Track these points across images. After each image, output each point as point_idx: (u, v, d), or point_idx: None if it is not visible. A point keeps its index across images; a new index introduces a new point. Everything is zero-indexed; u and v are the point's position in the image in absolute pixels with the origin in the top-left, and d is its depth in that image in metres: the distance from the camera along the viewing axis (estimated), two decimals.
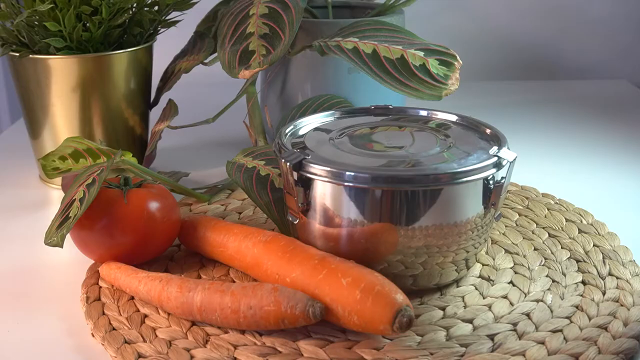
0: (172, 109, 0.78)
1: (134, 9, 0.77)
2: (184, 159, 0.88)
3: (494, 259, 0.62)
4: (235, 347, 0.51)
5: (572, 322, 0.53)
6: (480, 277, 0.59)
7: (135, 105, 0.80)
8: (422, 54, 0.68)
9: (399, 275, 0.55)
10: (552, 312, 0.54)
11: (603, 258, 0.61)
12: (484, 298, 0.56)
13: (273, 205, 0.63)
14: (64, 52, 0.73)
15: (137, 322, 0.54)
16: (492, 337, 0.51)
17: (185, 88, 0.94)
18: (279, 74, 0.86)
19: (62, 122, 0.76)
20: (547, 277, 0.59)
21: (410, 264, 0.55)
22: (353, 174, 0.53)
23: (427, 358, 0.49)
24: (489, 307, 0.55)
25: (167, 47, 0.89)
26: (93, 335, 0.54)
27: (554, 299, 0.56)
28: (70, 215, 0.56)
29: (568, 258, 0.62)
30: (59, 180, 0.78)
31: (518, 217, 0.69)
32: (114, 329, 0.53)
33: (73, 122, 0.76)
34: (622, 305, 0.55)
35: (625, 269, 0.59)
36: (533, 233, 0.66)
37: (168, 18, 0.80)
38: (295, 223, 0.58)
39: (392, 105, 0.67)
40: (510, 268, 0.60)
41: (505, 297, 0.56)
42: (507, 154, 0.55)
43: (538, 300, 0.56)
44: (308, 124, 0.64)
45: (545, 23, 1.24)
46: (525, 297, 0.56)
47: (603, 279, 0.58)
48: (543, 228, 0.67)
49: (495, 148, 0.56)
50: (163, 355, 0.50)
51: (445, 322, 0.53)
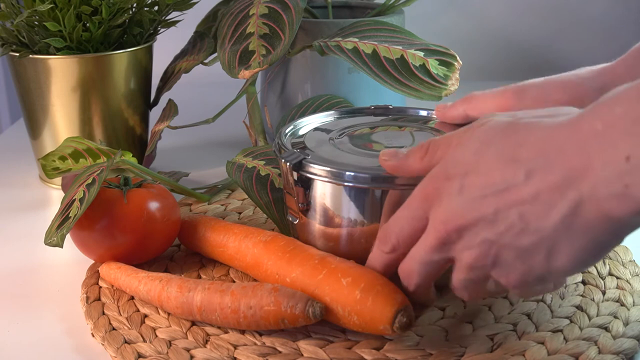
0: (172, 109, 0.78)
1: (134, 9, 0.77)
2: (184, 159, 0.88)
3: None
4: (235, 347, 0.51)
5: (572, 322, 0.53)
6: None
7: (135, 105, 0.80)
8: (422, 54, 0.68)
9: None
10: (552, 312, 0.54)
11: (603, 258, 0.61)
12: (484, 298, 0.56)
13: (273, 205, 0.63)
14: (64, 52, 0.73)
15: (137, 322, 0.54)
16: (492, 337, 0.51)
17: (185, 88, 0.94)
18: (279, 74, 0.86)
19: (62, 122, 0.76)
20: None
21: None
22: (353, 174, 0.53)
23: (427, 358, 0.49)
24: (489, 307, 0.55)
25: (167, 47, 0.89)
26: (93, 335, 0.54)
27: (554, 299, 0.56)
28: (70, 215, 0.56)
29: None
30: (59, 180, 0.78)
31: None
32: (114, 329, 0.53)
33: (73, 122, 0.76)
34: (622, 305, 0.55)
35: (625, 269, 0.59)
36: None
37: (168, 18, 0.80)
38: (295, 223, 0.58)
39: (392, 106, 0.67)
40: None
41: (505, 297, 0.56)
42: None
43: (538, 300, 0.56)
44: (308, 124, 0.64)
45: (545, 23, 1.24)
46: None
47: (603, 279, 0.58)
48: None
49: None
50: (163, 355, 0.50)
51: (445, 322, 0.53)
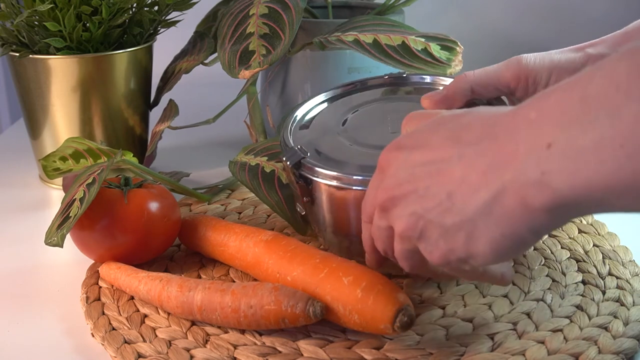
0: (172, 110, 0.78)
1: (134, 9, 0.77)
2: (185, 159, 0.88)
3: None
4: (235, 346, 0.51)
5: (572, 321, 0.53)
6: None
7: (135, 105, 0.79)
8: (423, 40, 0.68)
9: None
10: (552, 311, 0.54)
11: (603, 258, 0.61)
12: (484, 297, 0.56)
13: (284, 204, 0.63)
14: (64, 52, 0.73)
15: (137, 322, 0.54)
16: (492, 336, 0.51)
17: (186, 88, 0.94)
18: (279, 74, 0.86)
19: (62, 122, 0.76)
20: (547, 276, 0.59)
21: None
22: (353, 178, 0.52)
23: (427, 358, 0.49)
24: (489, 306, 0.55)
25: (167, 47, 0.89)
26: (93, 335, 0.54)
27: (554, 299, 0.56)
28: (71, 215, 0.56)
29: (568, 258, 0.61)
30: (59, 180, 0.78)
31: None
32: (114, 329, 0.53)
33: (73, 122, 0.76)
34: (622, 305, 0.54)
35: (625, 269, 0.59)
36: None
37: (168, 18, 0.80)
38: (303, 214, 0.59)
39: (405, 74, 0.65)
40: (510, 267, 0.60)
41: (505, 296, 0.56)
42: None
43: (538, 300, 0.56)
44: (319, 103, 0.62)
45: (545, 23, 1.24)
46: (526, 296, 0.56)
47: (603, 279, 0.58)
48: None
49: None
50: (163, 355, 0.50)
51: (445, 321, 0.53)
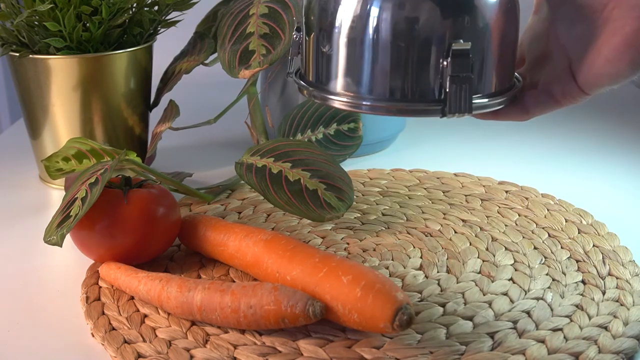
0: (173, 110, 0.78)
1: (134, 9, 0.77)
2: (185, 160, 0.88)
3: (494, 256, 0.62)
4: (235, 346, 0.51)
5: (572, 321, 0.53)
6: (480, 273, 0.59)
7: (135, 105, 0.79)
8: None
9: None
10: (552, 310, 0.54)
11: (603, 258, 0.61)
12: (484, 295, 0.56)
13: (294, 201, 0.63)
14: (64, 52, 0.73)
15: (137, 322, 0.54)
16: (492, 335, 0.51)
17: (186, 89, 0.94)
18: (280, 74, 0.86)
19: (62, 122, 0.76)
20: (547, 275, 0.59)
21: None
22: None
23: (427, 357, 0.49)
24: (489, 304, 0.55)
25: (167, 47, 0.89)
26: (93, 335, 0.54)
27: (554, 298, 0.56)
28: (72, 214, 0.56)
29: (568, 258, 0.62)
30: (59, 181, 0.78)
31: (518, 217, 0.69)
32: (114, 329, 0.53)
33: (73, 122, 0.76)
34: (622, 305, 0.55)
35: (625, 269, 0.59)
36: (533, 233, 0.66)
37: (168, 18, 0.80)
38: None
39: None
40: (511, 265, 0.60)
41: (506, 294, 0.56)
42: None
43: (538, 298, 0.56)
44: None
45: None
46: (526, 294, 0.56)
47: (603, 279, 0.58)
48: (543, 228, 0.67)
49: None
50: (163, 355, 0.50)
51: (445, 319, 0.53)
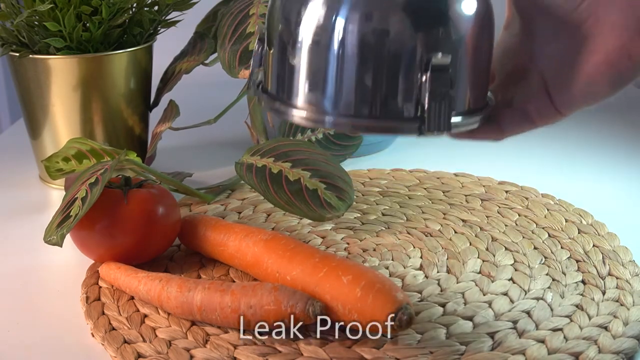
0: (173, 110, 0.78)
1: (134, 9, 0.77)
2: (185, 160, 0.88)
3: (494, 256, 0.62)
4: (235, 346, 0.51)
5: (572, 321, 0.53)
6: (480, 273, 0.59)
7: (135, 105, 0.79)
8: None
9: None
10: (552, 310, 0.54)
11: (603, 258, 0.61)
12: (484, 295, 0.56)
13: (294, 200, 0.63)
14: (64, 52, 0.73)
15: (137, 322, 0.54)
16: (492, 335, 0.51)
17: (186, 89, 0.94)
18: None
19: (62, 122, 0.76)
20: (547, 275, 0.59)
21: None
22: None
23: (427, 357, 0.49)
24: (489, 304, 0.55)
25: (167, 47, 0.89)
26: (93, 335, 0.54)
27: (554, 298, 0.56)
28: (72, 214, 0.56)
29: (568, 258, 0.62)
30: (59, 181, 0.78)
31: (518, 217, 0.69)
32: (114, 329, 0.53)
33: (73, 122, 0.76)
34: (622, 305, 0.55)
35: (625, 269, 0.59)
36: (533, 233, 0.66)
37: (168, 18, 0.80)
38: None
39: None
40: (511, 265, 0.60)
41: (506, 294, 0.56)
42: None
43: (538, 298, 0.56)
44: None
45: None
46: (526, 294, 0.56)
47: (603, 279, 0.58)
48: (543, 228, 0.67)
49: None
50: (163, 355, 0.50)
51: (445, 319, 0.53)
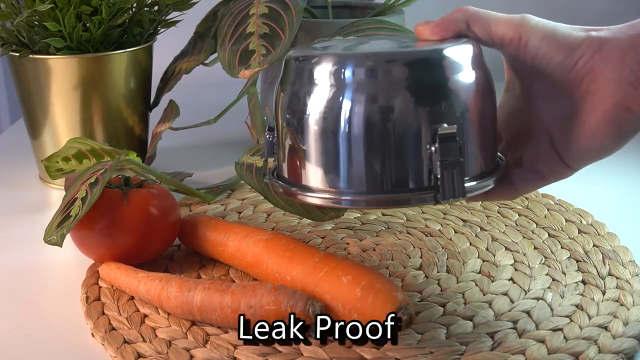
0: (173, 110, 0.78)
1: (134, 9, 0.77)
2: (185, 160, 0.88)
3: (494, 255, 0.62)
4: (235, 347, 0.51)
5: (572, 321, 0.53)
6: (480, 273, 0.59)
7: (135, 105, 0.80)
8: None
9: None
10: (552, 310, 0.54)
11: (603, 258, 0.61)
12: (484, 294, 0.56)
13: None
14: (64, 52, 0.73)
15: (137, 322, 0.54)
16: (492, 335, 0.51)
17: (186, 89, 0.94)
18: (280, 74, 0.85)
19: (62, 122, 0.76)
20: (547, 275, 0.59)
21: None
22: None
23: (427, 357, 0.49)
24: (489, 304, 0.55)
25: (167, 47, 0.89)
26: (93, 335, 0.54)
27: (554, 298, 0.56)
28: (72, 214, 0.56)
29: (568, 257, 0.62)
30: (59, 181, 0.78)
31: (518, 217, 0.69)
32: (114, 329, 0.53)
33: (73, 122, 0.76)
34: (622, 305, 0.54)
35: (625, 269, 0.59)
36: (533, 233, 0.66)
37: (168, 18, 0.80)
38: None
39: None
40: (511, 265, 0.60)
41: (506, 294, 0.56)
42: None
43: (538, 298, 0.56)
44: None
45: None
46: (526, 294, 0.56)
47: (603, 279, 0.58)
48: (543, 228, 0.67)
49: None
50: (163, 355, 0.50)
51: (445, 319, 0.53)
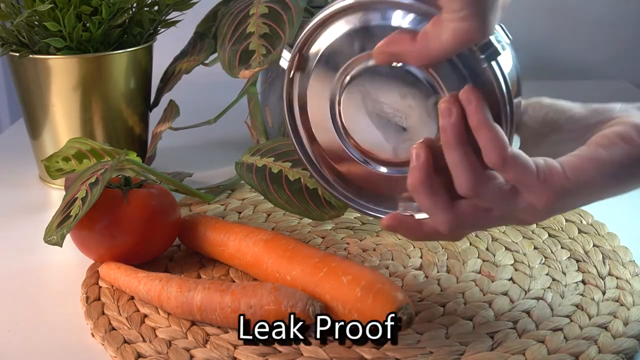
0: (173, 110, 0.78)
1: (134, 9, 0.77)
2: (185, 160, 0.88)
3: (494, 255, 0.62)
4: (235, 347, 0.51)
5: (572, 321, 0.53)
6: (480, 273, 0.59)
7: (135, 105, 0.80)
8: None
9: None
10: (552, 310, 0.54)
11: (603, 258, 0.61)
12: (484, 295, 0.56)
13: (294, 199, 0.63)
14: (64, 52, 0.73)
15: (137, 322, 0.54)
16: (492, 335, 0.51)
17: (186, 89, 0.94)
18: (280, 74, 0.85)
19: (62, 122, 0.76)
20: (547, 275, 0.59)
21: None
22: None
23: (427, 357, 0.49)
24: (489, 304, 0.55)
25: (167, 47, 0.89)
26: (93, 335, 0.54)
27: (554, 298, 0.56)
28: (72, 214, 0.56)
29: (568, 257, 0.62)
30: (59, 181, 0.78)
31: None
32: (114, 329, 0.53)
33: (73, 122, 0.76)
34: (622, 305, 0.55)
35: (625, 269, 0.59)
36: (533, 232, 0.66)
37: (168, 18, 0.80)
38: None
39: None
40: (511, 265, 0.60)
41: (506, 294, 0.56)
42: None
43: (538, 298, 0.56)
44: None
45: (545, 23, 1.24)
46: (526, 294, 0.56)
47: (603, 279, 0.58)
48: (543, 228, 0.67)
49: None
50: (163, 355, 0.50)
51: (445, 319, 0.53)
